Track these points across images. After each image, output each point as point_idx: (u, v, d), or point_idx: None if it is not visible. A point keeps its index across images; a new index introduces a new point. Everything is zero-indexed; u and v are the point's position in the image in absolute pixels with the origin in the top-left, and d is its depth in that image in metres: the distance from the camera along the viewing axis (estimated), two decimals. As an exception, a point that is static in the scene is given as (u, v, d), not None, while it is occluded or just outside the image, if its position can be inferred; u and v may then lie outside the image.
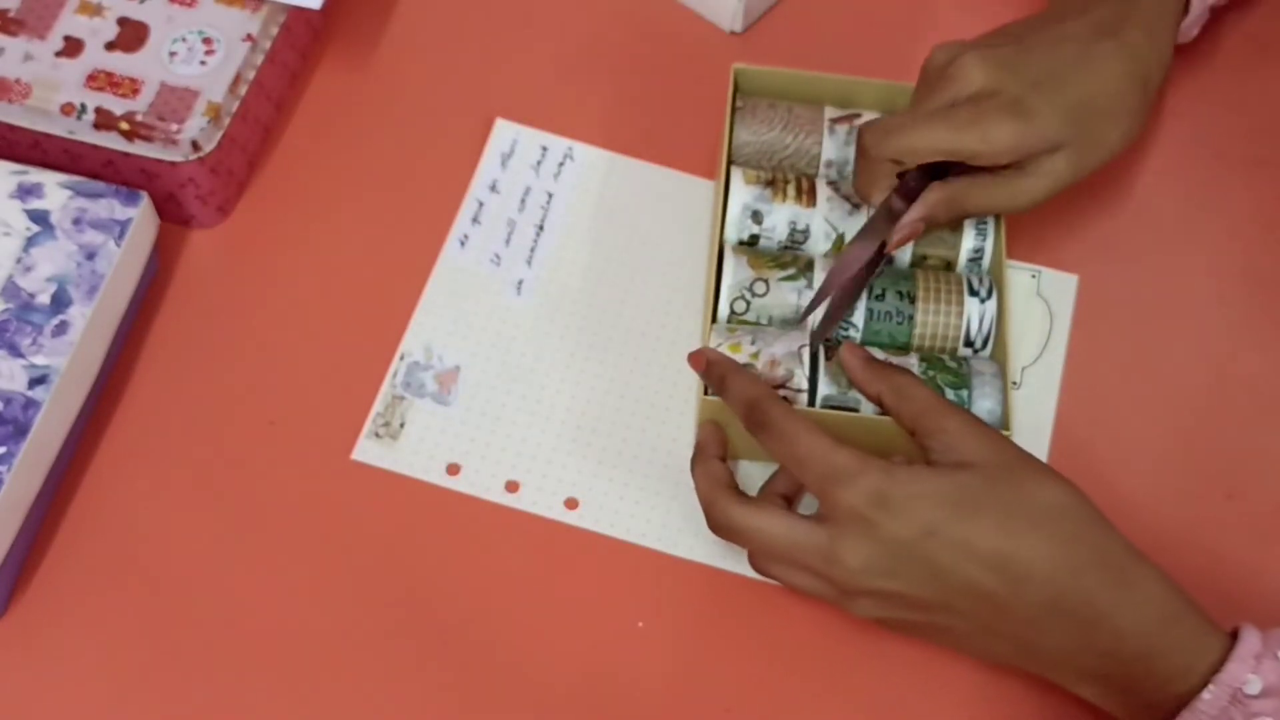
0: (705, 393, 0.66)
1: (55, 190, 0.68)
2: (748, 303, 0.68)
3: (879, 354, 0.66)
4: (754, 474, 0.69)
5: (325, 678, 0.64)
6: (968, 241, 0.69)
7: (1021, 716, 0.64)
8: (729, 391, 0.63)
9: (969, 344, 0.68)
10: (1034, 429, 0.70)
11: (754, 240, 0.70)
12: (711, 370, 0.64)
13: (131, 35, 0.73)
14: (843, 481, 0.57)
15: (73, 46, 0.72)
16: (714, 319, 0.68)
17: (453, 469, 0.69)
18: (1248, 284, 0.75)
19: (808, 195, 0.70)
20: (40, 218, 0.68)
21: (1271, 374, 0.73)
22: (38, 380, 0.64)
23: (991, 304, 0.67)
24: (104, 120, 0.70)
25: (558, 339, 0.72)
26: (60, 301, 0.66)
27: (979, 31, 0.77)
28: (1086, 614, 0.57)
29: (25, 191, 0.68)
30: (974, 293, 0.68)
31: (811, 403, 0.65)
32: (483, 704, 0.64)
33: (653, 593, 0.66)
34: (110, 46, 0.72)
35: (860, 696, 0.64)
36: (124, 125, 0.70)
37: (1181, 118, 0.80)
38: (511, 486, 0.68)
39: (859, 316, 0.67)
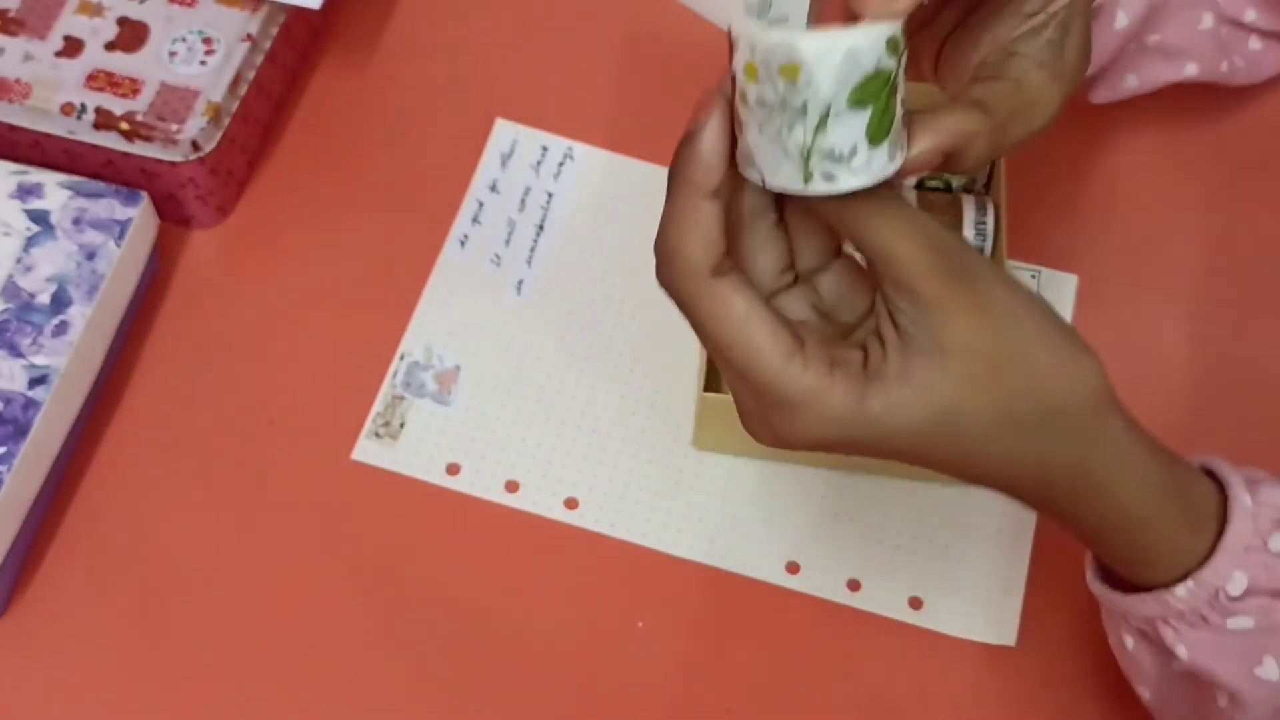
0: (705, 389, 0.66)
1: (55, 190, 0.68)
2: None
3: None
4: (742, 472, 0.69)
5: (325, 677, 0.64)
6: (968, 241, 0.70)
7: (1023, 716, 0.64)
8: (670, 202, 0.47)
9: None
10: (1034, 429, 0.70)
11: (754, 240, 0.70)
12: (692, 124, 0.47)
13: (131, 35, 0.73)
14: (793, 415, 0.46)
15: (73, 46, 0.72)
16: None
17: (453, 469, 0.69)
18: (1248, 284, 0.75)
19: (808, 195, 0.70)
20: (40, 218, 0.68)
21: (1272, 374, 0.73)
22: (38, 380, 0.64)
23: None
24: (104, 120, 0.70)
25: (558, 339, 0.72)
26: (60, 301, 0.66)
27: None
28: (1048, 509, 0.51)
29: (25, 191, 0.68)
30: (974, 292, 0.68)
31: None
32: (483, 704, 0.64)
33: (653, 593, 0.66)
34: (110, 46, 0.72)
35: (860, 696, 0.64)
36: (124, 125, 0.70)
37: (1182, 117, 0.80)
38: (511, 486, 0.68)
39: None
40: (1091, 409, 0.48)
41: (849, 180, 0.45)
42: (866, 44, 0.44)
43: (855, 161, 0.45)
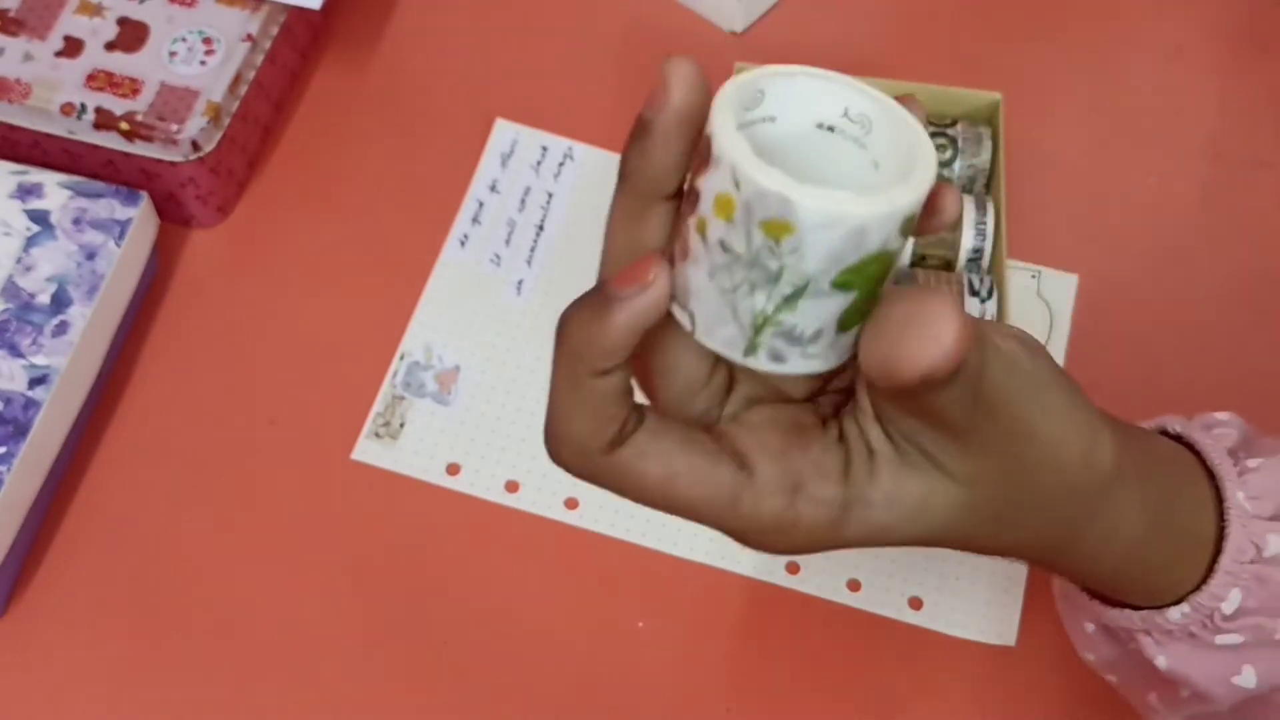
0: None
1: (55, 190, 0.68)
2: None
3: None
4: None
5: (325, 677, 0.64)
6: (968, 241, 0.70)
7: (1023, 716, 0.64)
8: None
9: (969, 344, 0.67)
10: (1034, 429, 0.70)
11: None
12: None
13: (131, 35, 0.73)
14: (758, 544, 0.40)
15: (73, 46, 0.72)
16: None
17: (453, 469, 0.69)
18: (1248, 284, 0.75)
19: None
20: (40, 218, 0.68)
21: (1272, 374, 0.73)
22: (38, 380, 0.64)
23: (992, 304, 0.68)
24: (104, 120, 0.70)
25: (558, 339, 0.72)
26: (60, 301, 0.66)
27: (976, 30, 0.77)
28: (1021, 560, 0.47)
29: (25, 191, 0.68)
30: (974, 292, 0.68)
31: None
32: (482, 704, 0.64)
33: (653, 593, 0.66)
34: (110, 46, 0.72)
35: (860, 696, 0.64)
36: (124, 125, 0.70)
37: (1182, 117, 0.80)
38: (511, 486, 0.68)
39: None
40: (1097, 491, 0.43)
41: (799, 365, 0.37)
42: (879, 221, 0.34)
43: (814, 347, 0.37)
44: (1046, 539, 0.44)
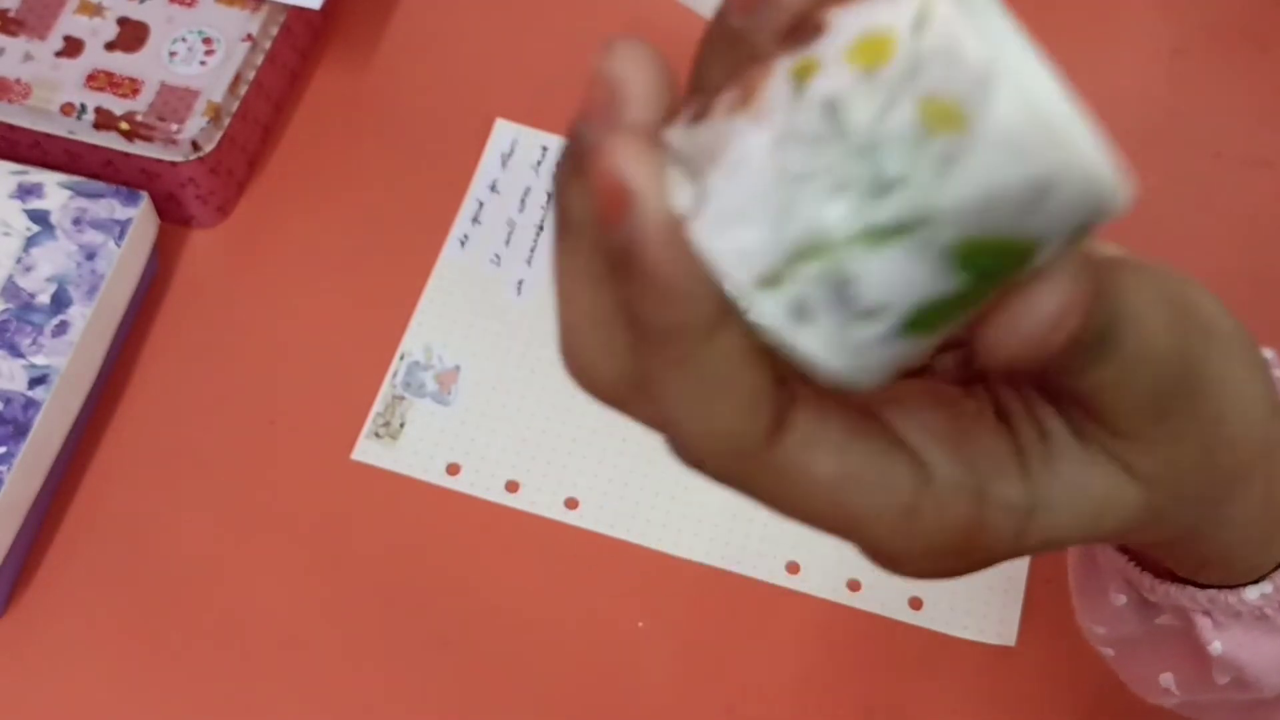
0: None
1: (55, 190, 0.68)
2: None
3: None
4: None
5: (325, 677, 0.64)
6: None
7: (1023, 716, 0.64)
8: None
9: (969, 344, 0.67)
10: (1034, 429, 0.70)
11: (754, 240, 0.69)
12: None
13: (131, 35, 0.73)
14: (922, 570, 0.32)
15: (73, 46, 0.72)
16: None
17: (453, 469, 0.69)
18: (1248, 284, 0.75)
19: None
20: (40, 218, 0.68)
21: (1271, 374, 0.73)
22: (38, 380, 0.64)
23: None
24: (104, 120, 0.70)
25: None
26: (60, 301, 0.66)
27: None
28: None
29: (25, 191, 0.68)
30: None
31: None
32: (483, 704, 0.64)
33: (653, 593, 0.66)
34: (110, 46, 0.72)
35: (860, 696, 0.64)
36: (124, 125, 0.70)
37: (1181, 118, 0.80)
38: (511, 486, 0.68)
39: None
40: (1250, 470, 0.36)
41: (812, 343, 0.25)
42: (1091, 183, 0.24)
43: (858, 329, 0.25)
44: (1187, 529, 0.36)
